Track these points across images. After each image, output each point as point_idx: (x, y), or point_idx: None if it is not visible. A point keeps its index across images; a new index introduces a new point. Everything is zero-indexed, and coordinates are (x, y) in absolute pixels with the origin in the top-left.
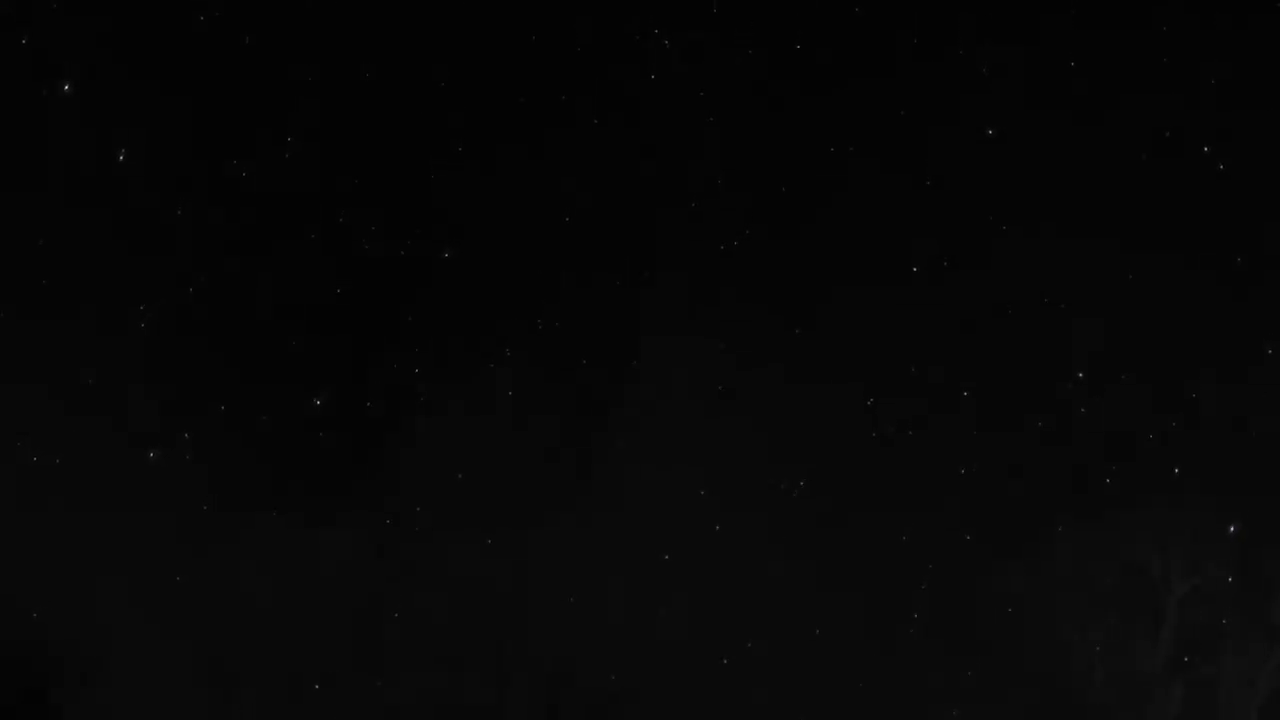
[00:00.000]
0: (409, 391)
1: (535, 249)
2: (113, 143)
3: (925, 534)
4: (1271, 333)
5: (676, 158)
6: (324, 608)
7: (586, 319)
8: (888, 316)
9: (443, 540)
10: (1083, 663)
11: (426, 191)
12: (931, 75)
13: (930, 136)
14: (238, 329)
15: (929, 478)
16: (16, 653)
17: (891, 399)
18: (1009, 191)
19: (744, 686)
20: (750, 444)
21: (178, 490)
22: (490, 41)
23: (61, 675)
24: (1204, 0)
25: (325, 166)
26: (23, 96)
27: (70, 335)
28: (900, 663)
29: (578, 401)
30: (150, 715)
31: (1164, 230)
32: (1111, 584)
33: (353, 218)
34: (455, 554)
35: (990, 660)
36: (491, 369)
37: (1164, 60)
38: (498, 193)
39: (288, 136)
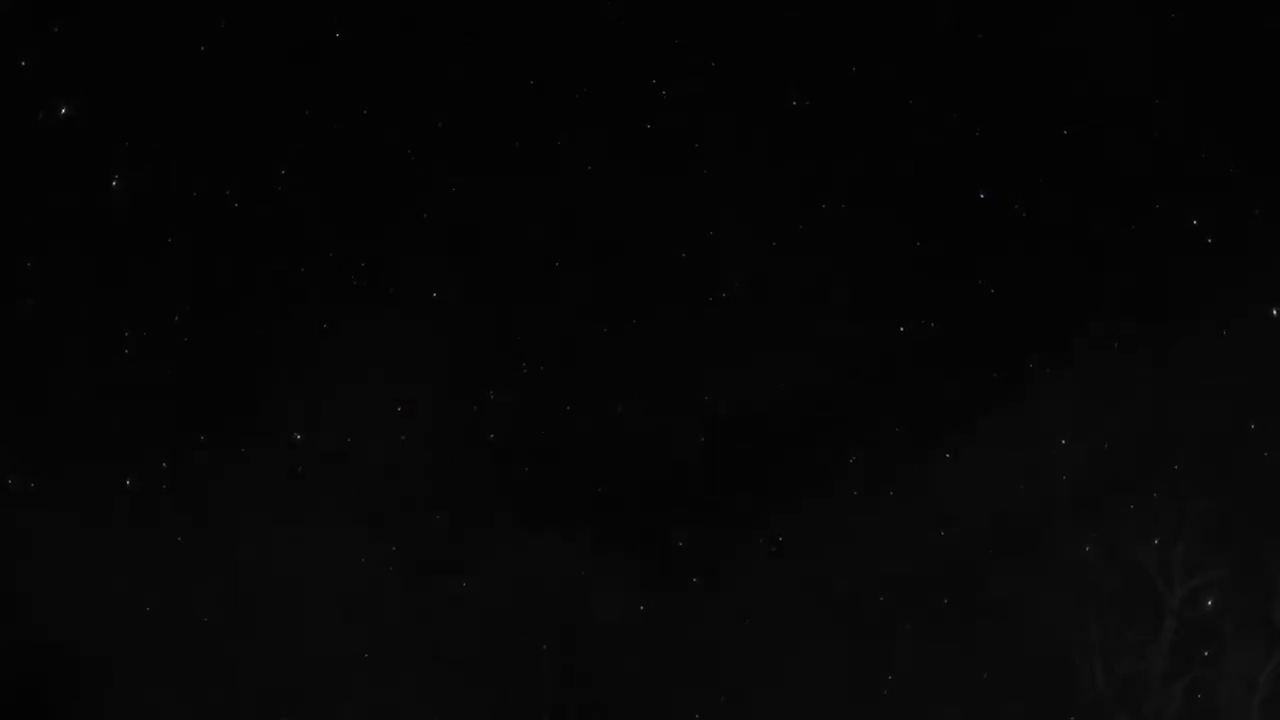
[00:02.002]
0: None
1: (523, 293)
2: (106, 167)
3: (926, 533)
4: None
5: (668, 205)
6: (324, 608)
7: (569, 364)
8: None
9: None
10: (1083, 663)
11: (419, 230)
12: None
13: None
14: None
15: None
16: (16, 653)
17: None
18: None
19: (743, 683)
20: None
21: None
22: (488, 85)
23: (61, 675)
24: None
25: (317, 200)
26: (18, 118)
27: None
28: (900, 662)
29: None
30: (150, 715)
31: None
32: (1111, 584)
33: (341, 253)
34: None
35: (990, 660)
36: (475, 410)
37: None
38: (488, 234)
39: (281, 169)
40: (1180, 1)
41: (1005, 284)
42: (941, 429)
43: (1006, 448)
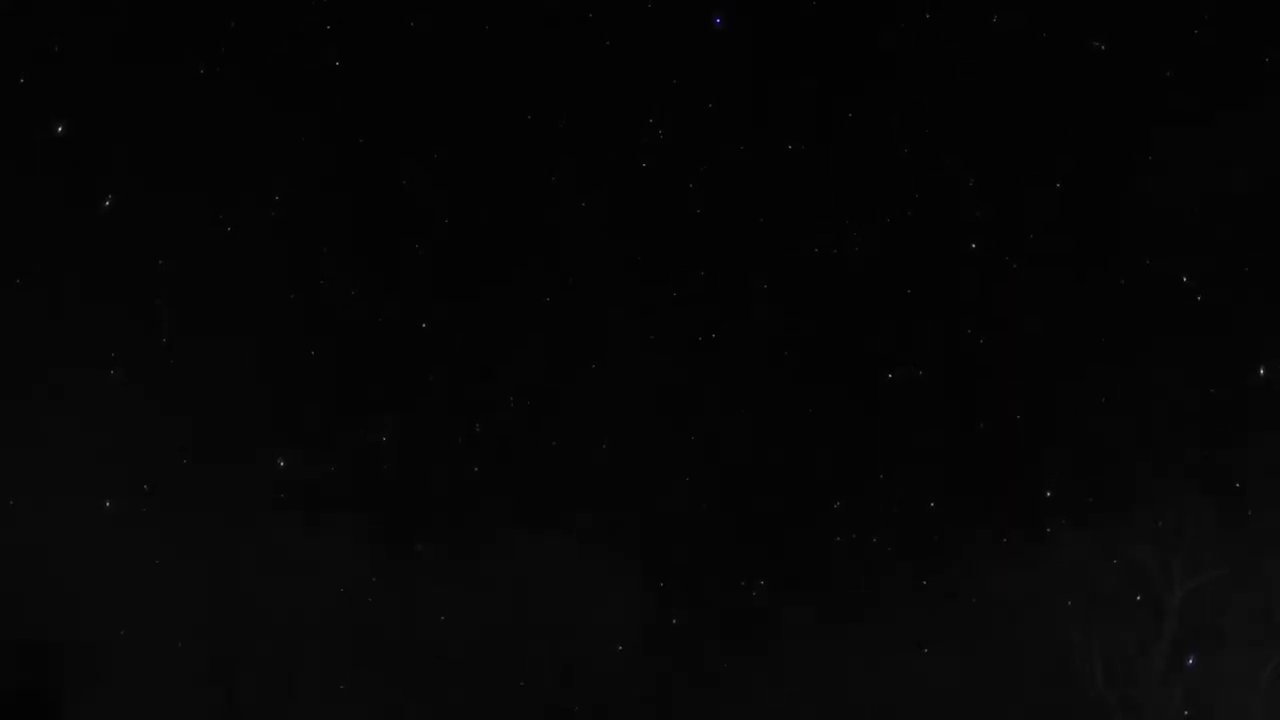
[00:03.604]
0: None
1: (516, 325)
2: (99, 189)
3: (925, 533)
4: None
5: (660, 240)
6: (324, 608)
7: (554, 398)
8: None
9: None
10: (1083, 663)
11: (412, 262)
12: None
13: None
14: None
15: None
16: (16, 653)
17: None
18: None
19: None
20: None
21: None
22: (485, 120)
23: (61, 675)
24: None
25: (311, 229)
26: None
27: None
28: (900, 662)
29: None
30: (150, 715)
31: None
32: (1111, 584)
33: (334, 282)
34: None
35: (990, 660)
36: (459, 442)
37: None
38: (480, 267)
39: (275, 196)
40: None
41: None
42: None
43: None
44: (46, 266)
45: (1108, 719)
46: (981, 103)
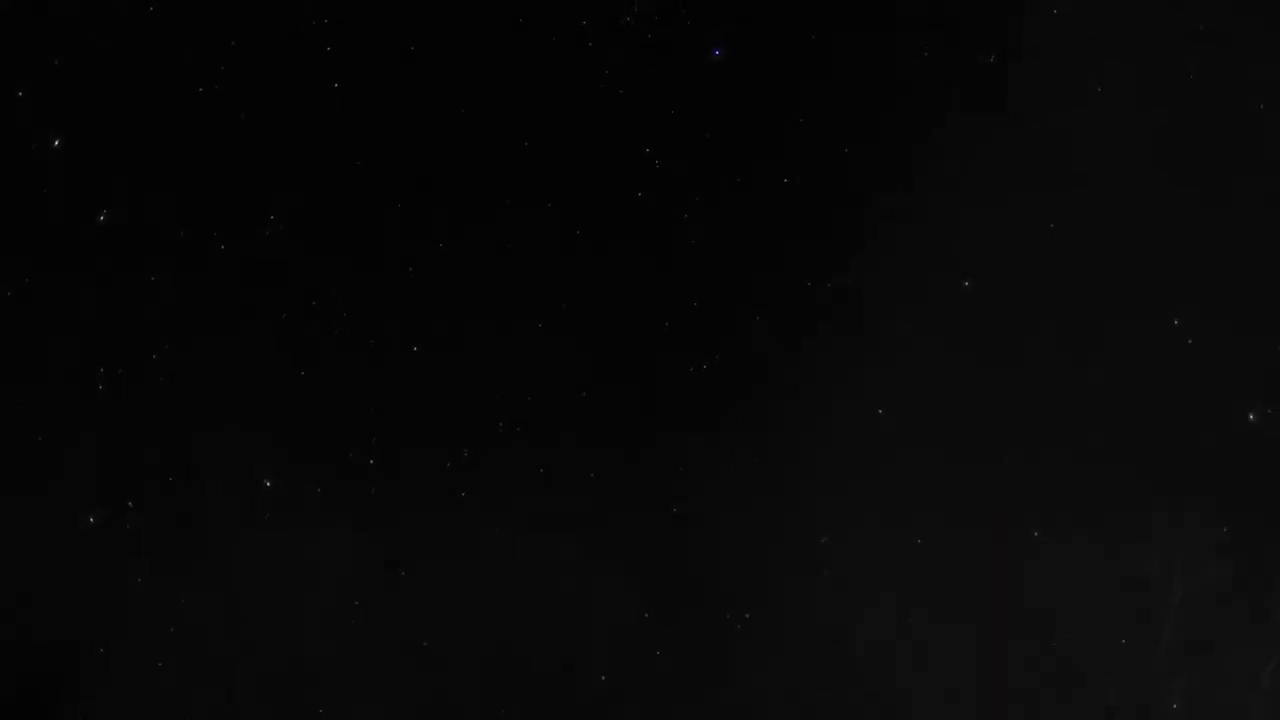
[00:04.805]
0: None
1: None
2: (94, 204)
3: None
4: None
5: (651, 271)
6: (321, 608)
7: (543, 427)
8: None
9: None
10: (1083, 663)
11: (404, 283)
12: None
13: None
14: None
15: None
16: (16, 653)
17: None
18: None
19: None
20: None
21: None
22: (481, 136)
23: (61, 675)
24: None
25: (305, 249)
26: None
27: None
28: (901, 662)
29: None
30: (150, 715)
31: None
32: (1111, 585)
33: (325, 302)
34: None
35: (990, 660)
36: (447, 466)
37: None
38: (474, 288)
39: (270, 214)
40: None
41: None
42: None
43: None
44: (34, 279)
45: (1108, 719)
46: None
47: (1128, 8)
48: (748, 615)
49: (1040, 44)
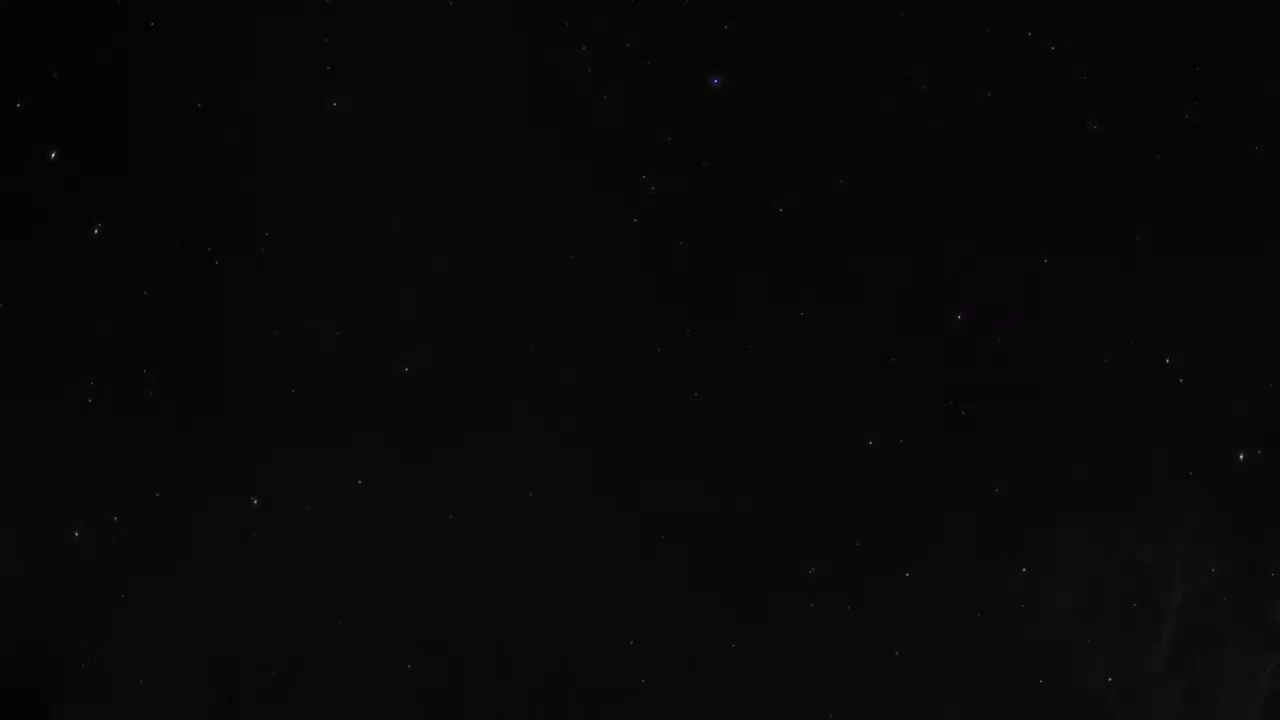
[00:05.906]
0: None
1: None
2: (90, 215)
3: (925, 533)
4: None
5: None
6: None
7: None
8: None
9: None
10: (1083, 663)
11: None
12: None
13: None
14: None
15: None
16: (16, 653)
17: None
18: None
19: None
20: None
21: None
22: (477, 175)
23: (61, 675)
24: None
25: (298, 266)
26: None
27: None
28: (901, 662)
29: None
30: (150, 715)
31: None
32: (1111, 584)
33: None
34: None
35: (990, 660)
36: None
37: None
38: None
39: (265, 231)
40: None
41: None
42: None
43: None
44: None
45: (1108, 719)
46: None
47: None
48: None
49: None
